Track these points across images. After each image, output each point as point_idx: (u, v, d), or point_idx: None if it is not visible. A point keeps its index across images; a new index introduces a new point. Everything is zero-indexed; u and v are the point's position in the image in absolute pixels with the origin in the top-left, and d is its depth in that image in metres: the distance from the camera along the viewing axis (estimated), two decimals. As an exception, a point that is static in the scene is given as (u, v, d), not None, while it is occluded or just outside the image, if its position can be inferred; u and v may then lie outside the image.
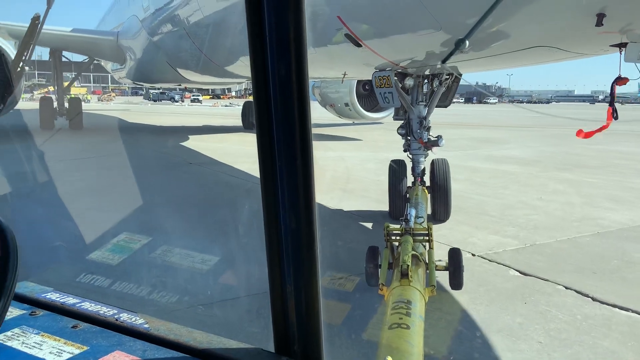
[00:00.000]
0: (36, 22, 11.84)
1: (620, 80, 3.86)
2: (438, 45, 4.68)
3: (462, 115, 40.21)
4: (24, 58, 11.49)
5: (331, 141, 18.71)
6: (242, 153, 14.30)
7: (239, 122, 24.06)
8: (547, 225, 7.24)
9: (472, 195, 9.23)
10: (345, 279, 4.79)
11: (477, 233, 6.67)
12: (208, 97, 78.68)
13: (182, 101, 68.76)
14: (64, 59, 21.33)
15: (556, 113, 44.32)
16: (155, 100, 68.83)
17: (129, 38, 15.60)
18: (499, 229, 6.99)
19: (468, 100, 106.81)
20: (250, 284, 4.66)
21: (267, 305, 1.13)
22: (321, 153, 14.04)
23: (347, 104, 17.61)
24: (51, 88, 57.07)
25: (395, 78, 5.73)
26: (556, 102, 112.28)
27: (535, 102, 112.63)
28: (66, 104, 20.99)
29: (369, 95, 15.73)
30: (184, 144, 17.33)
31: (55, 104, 20.60)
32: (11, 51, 13.80)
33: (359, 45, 5.15)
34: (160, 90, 68.29)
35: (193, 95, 70.30)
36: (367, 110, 17.36)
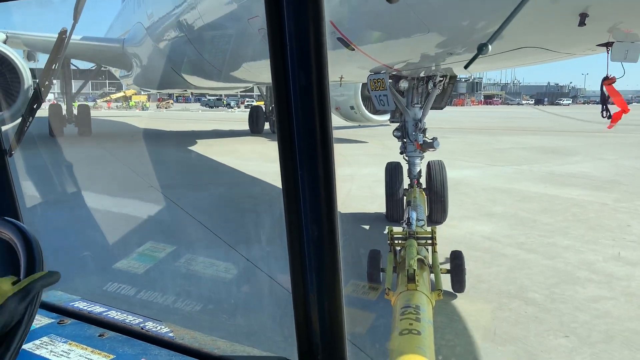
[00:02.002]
0: (63, 37, 11.97)
1: (607, 80, 3.85)
2: (430, 49, 4.71)
3: (526, 119, 35.07)
4: (53, 69, 11.57)
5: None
6: (226, 170, 12.34)
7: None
8: (632, 331, 3.96)
9: (506, 249, 6.02)
10: (370, 287, 4.65)
11: (493, 356, 3.65)
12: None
13: (238, 107, 69.58)
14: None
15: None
16: (211, 107, 69.53)
17: (134, 45, 15.78)
18: (538, 343, 3.78)
19: (538, 101, 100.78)
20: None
21: (291, 314, 1.12)
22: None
23: (352, 107, 17.69)
24: (113, 95, 58.48)
25: (390, 80, 5.75)
26: (637, 102, 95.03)
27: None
28: (75, 111, 21.23)
29: (374, 98, 15.67)
30: (174, 155, 15.61)
31: (64, 112, 20.84)
32: (19, 61, 14.05)
33: (352, 49, 5.18)
34: (217, 97, 69.40)
35: (247, 101, 71.18)
36: (373, 113, 17.41)
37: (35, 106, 2.09)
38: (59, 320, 1.39)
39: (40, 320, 1.38)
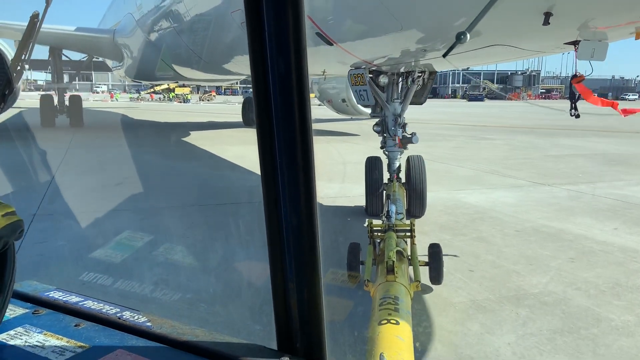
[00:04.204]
0: (35, 21, 11.91)
1: (576, 78, 3.90)
2: (405, 45, 4.74)
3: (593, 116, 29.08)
4: (23, 57, 11.57)
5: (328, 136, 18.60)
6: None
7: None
8: None
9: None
10: (349, 275, 4.63)
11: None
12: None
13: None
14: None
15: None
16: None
17: (124, 36, 15.73)
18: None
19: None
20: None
21: (270, 302, 1.12)
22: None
23: (344, 100, 17.73)
24: (157, 87, 57.49)
25: (370, 75, 5.78)
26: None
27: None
28: (67, 102, 21.16)
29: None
30: (138, 159, 12.68)
31: (55, 102, 20.77)
32: (7, 50, 13.99)
33: (330, 44, 5.20)
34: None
35: None
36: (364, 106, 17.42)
37: (6, 92, 2.07)
38: (33, 311, 1.36)
39: (14, 310, 1.37)
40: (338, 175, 10.01)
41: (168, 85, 57.13)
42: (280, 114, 1.02)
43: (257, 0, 0.99)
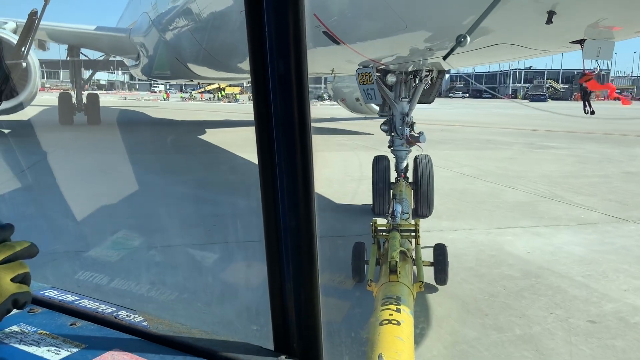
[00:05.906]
0: (33, 18, 11.97)
1: (584, 77, 3.87)
2: (411, 44, 4.73)
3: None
4: (21, 53, 11.57)
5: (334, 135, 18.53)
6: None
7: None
8: None
9: None
10: (346, 277, 4.61)
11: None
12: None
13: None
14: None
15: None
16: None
17: (140, 35, 15.90)
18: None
19: None
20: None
21: (266, 302, 1.12)
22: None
23: (357, 99, 17.72)
24: (208, 87, 55.90)
25: (378, 74, 5.78)
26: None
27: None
28: (84, 100, 21.48)
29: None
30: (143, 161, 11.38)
31: (74, 100, 21.08)
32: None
33: (337, 43, 5.21)
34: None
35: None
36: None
37: (3, 88, 2.06)
38: (29, 309, 1.36)
39: None
40: (341, 186, 8.65)
41: (218, 85, 56.76)
42: (280, 115, 1.02)
43: (257, 1, 0.99)
